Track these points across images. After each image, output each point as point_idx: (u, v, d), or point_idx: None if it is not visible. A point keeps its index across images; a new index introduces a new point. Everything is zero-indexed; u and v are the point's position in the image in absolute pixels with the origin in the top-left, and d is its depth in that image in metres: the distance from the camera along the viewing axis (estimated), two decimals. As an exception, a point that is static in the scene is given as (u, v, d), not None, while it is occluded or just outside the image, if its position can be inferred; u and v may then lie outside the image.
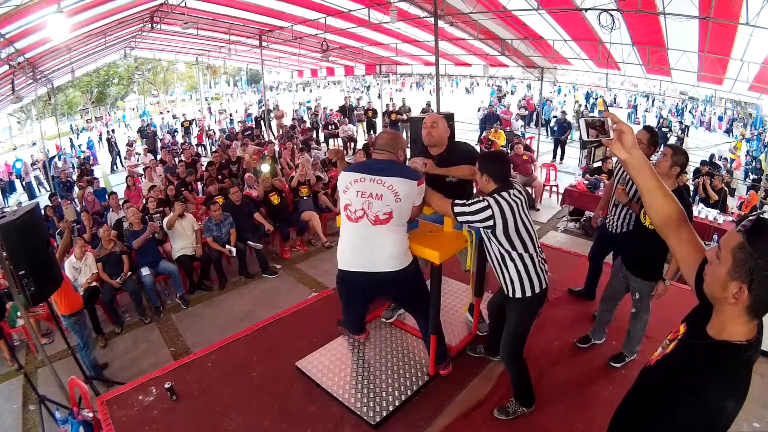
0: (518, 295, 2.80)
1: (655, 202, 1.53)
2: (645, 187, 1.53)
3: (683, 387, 1.27)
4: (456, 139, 3.96)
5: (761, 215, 1.16)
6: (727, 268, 1.20)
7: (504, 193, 2.66)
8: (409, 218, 3.00)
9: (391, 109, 16.78)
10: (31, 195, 13.89)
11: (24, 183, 14.37)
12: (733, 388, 1.23)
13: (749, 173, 12.49)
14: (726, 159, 11.42)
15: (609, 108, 22.13)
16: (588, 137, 1.57)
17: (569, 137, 13.95)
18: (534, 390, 3.15)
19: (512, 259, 2.74)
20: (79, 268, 5.73)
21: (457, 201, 2.74)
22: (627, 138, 1.50)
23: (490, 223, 2.63)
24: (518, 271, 2.76)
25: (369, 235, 2.85)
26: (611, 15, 7.82)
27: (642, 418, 1.40)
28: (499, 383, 3.45)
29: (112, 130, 18.78)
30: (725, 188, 8.75)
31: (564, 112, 14.69)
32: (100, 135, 17.72)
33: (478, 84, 36.74)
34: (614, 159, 7.84)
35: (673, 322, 1.57)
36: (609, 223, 4.11)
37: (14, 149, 23.35)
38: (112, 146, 17.03)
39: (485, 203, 2.63)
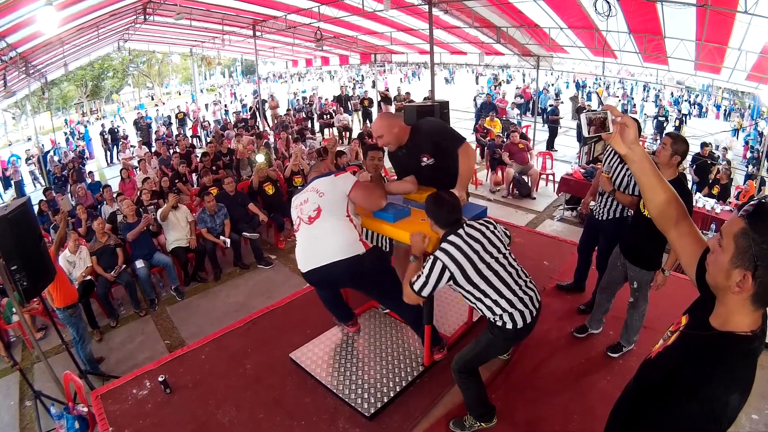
0: (499, 324, 2.54)
1: (655, 197, 1.51)
2: (645, 182, 1.51)
3: (686, 380, 1.23)
4: (423, 119, 3.82)
5: (763, 200, 1.12)
6: (730, 256, 1.16)
7: (453, 237, 2.49)
8: (367, 205, 3.15)
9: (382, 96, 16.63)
10: (21, 193, 13.65)
11: (13, 182, 14.17)
12: (737, 380, 1.20)
13: (750, 164, 12.50)
14: (725, 149, 11.39)
15: (608, 97, 22.04)
16: (589, 134, 1.54)
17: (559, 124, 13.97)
18: (491, 401, 2.95)
19: (486, 305, 2.53)
20: (74, 262, 5.69)
21: (412, 279, 2.55)
22: (629, 132, 1.47)
23: (448, 276, 2.44)
24: (493, 311, 2.53)
25: (310, 233, 3.07)
26: (608, 2, 7.74)
27: (643, 412, 1.36)
28: (496, 374, 3.43)
29: (112, 122, 18.65)
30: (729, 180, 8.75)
31: (560, 101, 14.65)
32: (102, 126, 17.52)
33: (475, 73, 36.33)
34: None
35: (672, 313, 1.54)
36: (596, 211, 4.07)
37: (9, 145, 23.15)
38: (114, 137, 16.87)
39: (433, 259, 2.46)
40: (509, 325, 2.51)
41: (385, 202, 3.15)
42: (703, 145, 9.64)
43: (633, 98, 22.52)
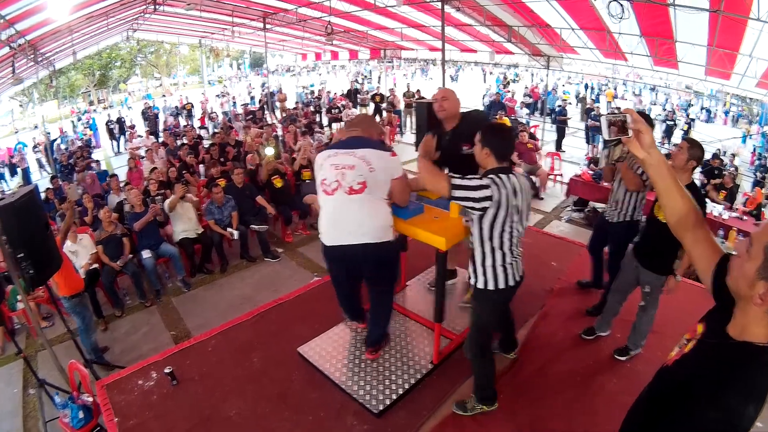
0: (480, 286, 2.65)
1: (672, 202, 1.50)
2: (662, 187, 1.50)
3: (704, 389, 1.22)
4: (474, 110, 3.97)
5: None
6: (757, 266, 1.14)
7: (504, 176, 2.45)
8: (398, 199, 3.02)
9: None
10: (27, 181, 13.65)
11: (20, 169, 14.15)
12: (755, 390, 1.18)
13: (757, 171, 12.45)
14: (734, 155, 11.34)
15: (640, 103, 21.91)
16: (609, 136, 1.53)
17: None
18: (496, 388, 3.04)
19: (483, 251, 2.58)
20: (76, 251, 5.66)
21: (454, 174, 2.48)
22: (645, 137, 1.46)
23: (486, 204, 2.40)
24: (484, 263, 2.60)
25: (345, 205, 2.87)
26: (621, 4, 7.71)
27: (659, 420, 1.35)
28: (502, 374, 3.41)
29: (119, 111, 18.66)
30: (734, 185, 8.71)
31: (565, 100, 14.63)
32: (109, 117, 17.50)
33: (483, 70, 36.18)
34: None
35: (680, 318, 1.53)
36: (607, 213, 4.05)
37: (16, 132, 23.20)
38: (120, 126, 16.84)
39: (486, 181, 2.40)
40: (491, 285, 2.62)
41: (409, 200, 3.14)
42: (714, 156, 9.64)
43: (642, 101, 22.46)
